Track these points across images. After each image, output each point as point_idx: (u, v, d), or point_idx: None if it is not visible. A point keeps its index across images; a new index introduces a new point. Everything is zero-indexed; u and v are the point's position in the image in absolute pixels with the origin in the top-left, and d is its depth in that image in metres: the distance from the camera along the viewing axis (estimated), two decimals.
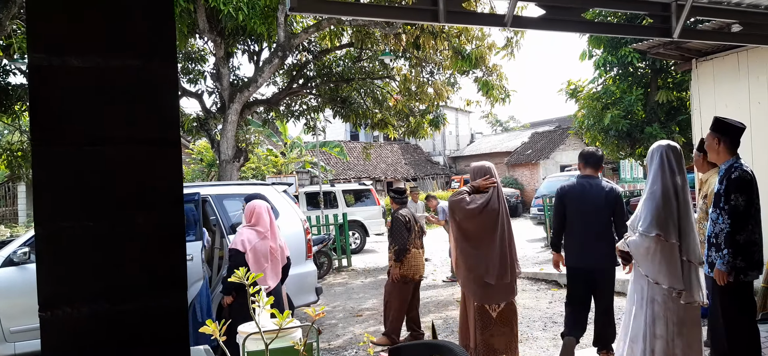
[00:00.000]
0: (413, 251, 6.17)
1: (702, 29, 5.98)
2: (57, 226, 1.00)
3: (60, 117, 1.00)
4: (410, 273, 6.14)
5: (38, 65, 1.00)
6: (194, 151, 24.09)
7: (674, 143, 3.76)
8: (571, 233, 5.00)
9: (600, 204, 4.88)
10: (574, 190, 5.00)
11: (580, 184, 5.00)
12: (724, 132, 3.88)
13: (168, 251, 1.07)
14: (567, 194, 5.03)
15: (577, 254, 4.97)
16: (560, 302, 7.78)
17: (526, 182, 31.05)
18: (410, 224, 6.20)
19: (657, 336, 3.52)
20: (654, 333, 3.53)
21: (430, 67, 12.78)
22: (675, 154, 3.68)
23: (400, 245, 6.11)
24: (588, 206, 4.89)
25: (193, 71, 13.71)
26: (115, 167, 1.03)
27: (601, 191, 4.91)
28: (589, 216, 4.89)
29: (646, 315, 3.59)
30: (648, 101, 14.81)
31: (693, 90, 7.25)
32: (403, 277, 6.11)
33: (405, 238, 6.10)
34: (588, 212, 4.89)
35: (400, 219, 6.21)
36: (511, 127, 49.43)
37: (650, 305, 3.57)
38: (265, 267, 4.60)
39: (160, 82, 1.08)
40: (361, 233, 15.99)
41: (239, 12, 9.14)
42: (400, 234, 6.13)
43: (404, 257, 6.11)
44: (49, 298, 0.99)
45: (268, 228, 4.72)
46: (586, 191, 4.92)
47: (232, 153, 10.84)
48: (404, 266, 6.10)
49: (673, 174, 3.60)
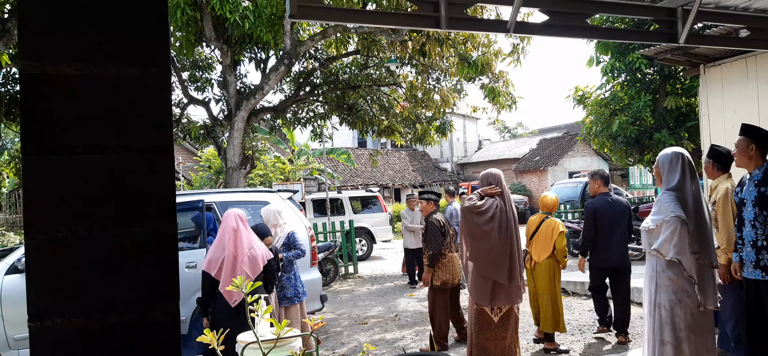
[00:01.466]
0: (449, 255, 6.19)
1: (709, 35, 5.93)
2: (48, 236, 0.99)
3: (52, 126, 0.99)
4: (449, 278, 6.15)
5: (31, 73, 0.99)
6: (202, 158, 24.21)
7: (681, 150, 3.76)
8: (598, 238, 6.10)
9: (621, 214, 6.10)
10: (603, 205, 6.12)
11: (606, 200, 6.14)
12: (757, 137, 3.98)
13: (160, 262, 1.06)
14: (598, 209, 6.12)
15: (603, 255, 6.12)
16: (568, 309, 7.72)
17: (535, 189, 30.94)
18: (445, 229, 6.22)
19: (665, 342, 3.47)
20: (662, 340, 3.49)
21: (436, 74, 12.77)
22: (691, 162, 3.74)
23: (434, 250, 6.12)
24: (614, 218, 6.06)
25: (200, 79, 13.78)
26: (107, 176, 1.02)
27: (620, 205, 6.16)
28: (615, 225, 6.06)
29: (653, 321, 3.56)
30: (657, 107, 14.73)
31: (701, 96, 7.20)
32: (443, 283, 6.14)
33: (439, 243, 6.11)
34: (614, 222, 6.06)
35: (434, 224, 6.21)
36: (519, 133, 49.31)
37: (657, 310, 3.53)
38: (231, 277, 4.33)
39: (153, 91, 1.07)
40: (367, 240, 15.97)
41: (245, 20, 9.18)
42: (434, 239, 6.14)
43: (439, 263, 6.15)
44: (39, 309, 0.98)
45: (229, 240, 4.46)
46: (612, 205, 6.11)
47: (239, 160, 10.86)
48: (442, 271, 6.12)
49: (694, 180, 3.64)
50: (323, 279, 10.19)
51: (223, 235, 4.46)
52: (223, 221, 4.60)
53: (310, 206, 16.38)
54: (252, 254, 4.50)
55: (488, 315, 4.50)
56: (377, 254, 16.38)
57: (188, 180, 26.13)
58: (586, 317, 7.40)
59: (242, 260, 4.41)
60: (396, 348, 6.54)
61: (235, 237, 4.42)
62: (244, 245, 4.47)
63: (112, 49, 1.04)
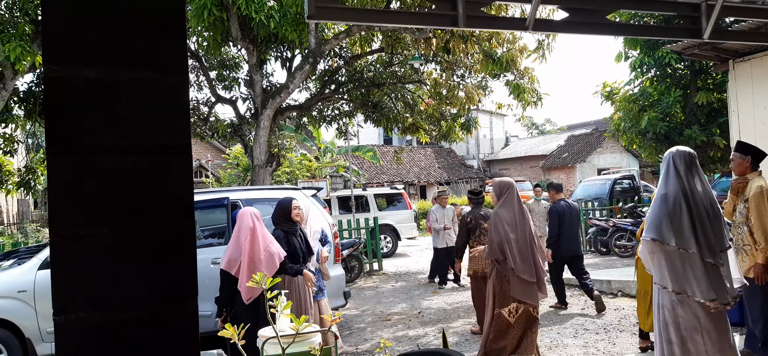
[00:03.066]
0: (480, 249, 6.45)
1: (734, 30, 5.81)
2: (71, 233, 1.03)
3: (74, 128, 1.03)
4: (479, 269, 6.55)
5: (54, 77, 1.03)
6: (230, 156, 24.54)
7: (685, 147, 3.62)
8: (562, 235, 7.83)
9: (577, 215, 8.23)
10: (564, 209, 7.92)
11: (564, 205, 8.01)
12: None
13: (178, 259, 1.09)
14: (561, 213, 7.88)
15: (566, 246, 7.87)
16: (593, 308, 7.65)
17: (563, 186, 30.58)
18: (472, 224, 6.69)
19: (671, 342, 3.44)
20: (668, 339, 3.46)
21: (460, 71, 12.73)
22: (683, 159, 3.51)
23: (457, 245, 7.04)
24: (572, 218, 8.02)
25: (227, 78, 13.98)
26: (128, 175, 1.05)
27: (575, 208, 8.23)
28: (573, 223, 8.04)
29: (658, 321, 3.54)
30: (687, 102, 14.45)
31: (730, 91, 7.05)
32: (474, 273, 6.67)
33: (462, 239, 6.81)
34: (573, 221, 8.02)
35: (463, 221, 6.84)
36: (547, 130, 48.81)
37: (660, 310, 3.51)
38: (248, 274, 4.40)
39: (171, 95, 1.10)
40: (392, 237, 15.99)
41: (271, 20, 9.28)
42: (459, 235, 6.92)
43: (460, 257, 7.05)
44: (64, 303, 1.03)
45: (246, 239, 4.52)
46: (569, 208, 8.04)
47: (265, 158, 10.99)
48: (472, 263, 6.66)
49: (680, 179, 3.46)
50: (348, 276, 10.26)
51: (240, 234, 4.51)
52: (238, 220, 4.64)
53: (335, 203, 16.47)
54: (269, 252, 4.57)
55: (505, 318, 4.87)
56: (402, 251, 16.40)
57: (217, 177, 26.49)
58: (612, 315, 7.32)
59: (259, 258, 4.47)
60: (419, 345, 6.57)
61: (251, 236, 4.48)
62: (260, 244, 4.53)
63: (131, 54, 1.07)
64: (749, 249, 4.67)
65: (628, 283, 8.23)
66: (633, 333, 6.39)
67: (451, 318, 7.91)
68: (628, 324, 6.89)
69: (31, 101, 11.67)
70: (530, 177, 32.13)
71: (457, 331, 7.14)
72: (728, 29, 5.91)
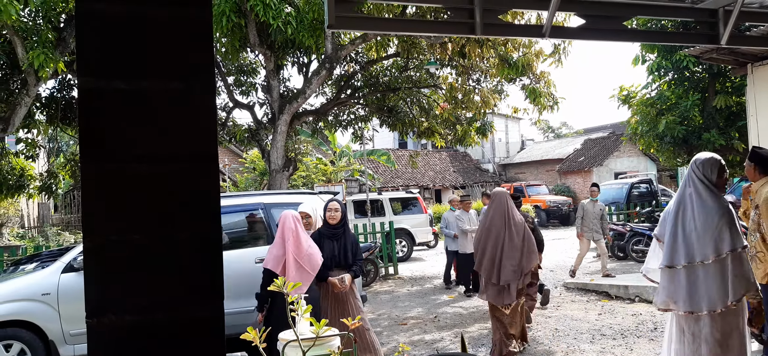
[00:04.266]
0: None
1: (753, 34, 5.75)
2: (103, 239, 1.07)
3: (106, 136, 1.07)
4: None
5: (87, 88, 1.08)
6: (247, 160, 24.72)
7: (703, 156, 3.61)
8: None
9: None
10: None
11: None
12: None
13: (206, 263, 1.13)
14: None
15: None
16: (610, 314, 7.61)
17: (579, 190, 30.35)
18: None
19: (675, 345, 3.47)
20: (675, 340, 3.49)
21: (476, 75, 12.74)
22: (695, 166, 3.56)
23: None
24: None
25: (245, 84, 14.12)
26: (158, 182, 1.09)
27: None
28: None
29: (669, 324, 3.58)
30: (705, 106, 14.30)
31: (749, 95, 6.99)
32: None
33: None
34: None
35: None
36: (563, 133, 48.48)
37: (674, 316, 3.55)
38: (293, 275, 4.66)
39: (199, 104, 1.14)
40: (408, 241, 16.01)
41: (288, 26, 9.38)
42: None
43: None
44: (96, 306, 1.06)
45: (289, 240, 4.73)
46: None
47: (282, 163, 11.08)
48: None
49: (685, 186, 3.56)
50: (363, 280, 10.29)
51: (284, 235, 4.74)
52: (281, 221, 4.87)
53: (350, 207, 16.52)
54: (310, 252, 4.81)
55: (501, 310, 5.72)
56: (417, 255, 16.40)
57: (234, 181, 26.69)
58: (629, 321, 7.27)
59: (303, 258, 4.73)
60: (435, 349, 6.57)
61: (294, 238, 4.72)
62: (303, 245, 4.79)
63: (161, 66, 1.11)
64: (762, 256, 4.60)
65: (646, 288, 8.13)
66: (650, 339, 6.35)
67: (467, 322, 7.90)
68: (645, 329, 6.84)
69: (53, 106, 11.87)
70: (546, 181, 31.93)
71: (473, 336, 7.13)
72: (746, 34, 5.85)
